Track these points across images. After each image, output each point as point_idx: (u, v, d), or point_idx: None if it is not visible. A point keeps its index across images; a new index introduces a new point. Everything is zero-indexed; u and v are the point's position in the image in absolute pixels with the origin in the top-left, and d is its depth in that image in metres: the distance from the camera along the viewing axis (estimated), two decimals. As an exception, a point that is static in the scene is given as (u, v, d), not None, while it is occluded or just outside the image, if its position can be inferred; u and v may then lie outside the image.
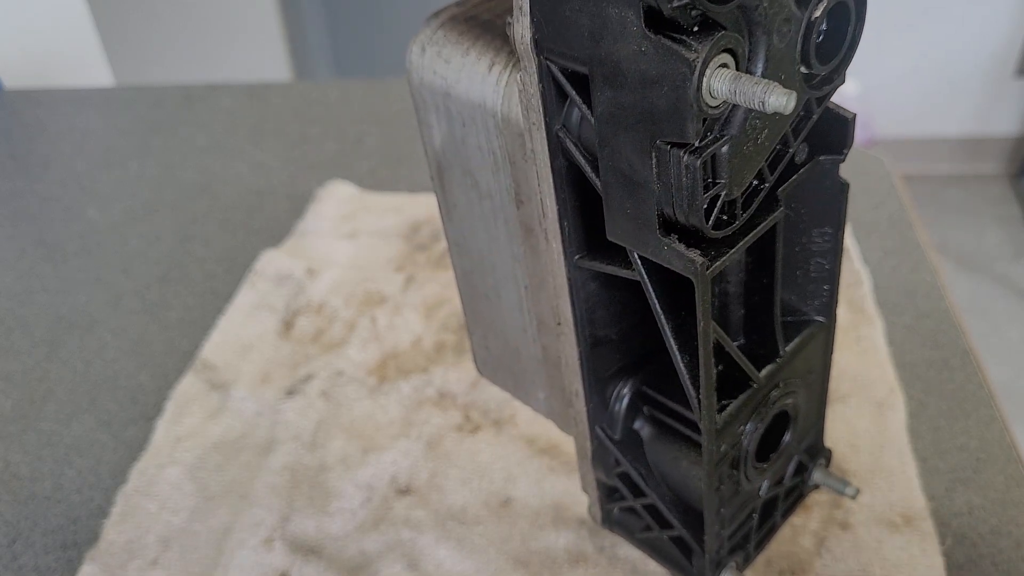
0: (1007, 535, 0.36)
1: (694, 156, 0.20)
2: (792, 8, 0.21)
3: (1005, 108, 1.63)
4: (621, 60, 0.20)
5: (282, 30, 1.48)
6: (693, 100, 0.19)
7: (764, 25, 0.20)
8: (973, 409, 0.42)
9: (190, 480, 0.41)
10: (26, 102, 0.77)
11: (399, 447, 0.42)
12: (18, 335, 0.51)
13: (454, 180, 0.28)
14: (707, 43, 0.19)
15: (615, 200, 0.23)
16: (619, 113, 0.21)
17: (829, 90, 0.23)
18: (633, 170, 0.22)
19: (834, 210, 0.27)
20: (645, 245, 0.23)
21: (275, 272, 0.53)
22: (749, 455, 0.29)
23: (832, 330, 0.30)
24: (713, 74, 0.19)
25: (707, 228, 0.22)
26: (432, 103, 0.26)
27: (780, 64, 0.21)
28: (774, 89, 0.18)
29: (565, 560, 0.36)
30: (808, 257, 0.28)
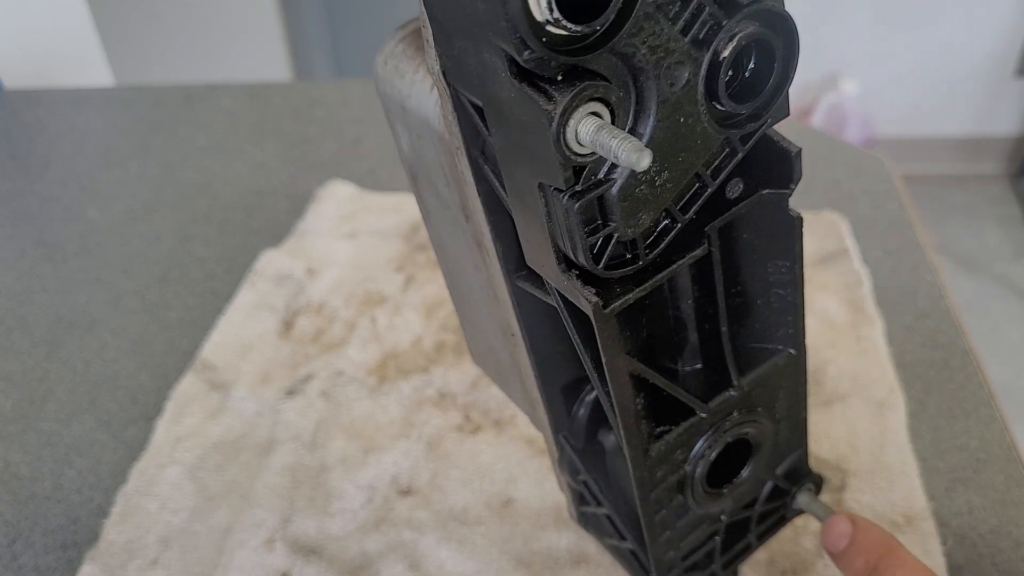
0: (1007, 535, 0.36)
1: (572, 200, 0.20)
2: (686, 51, 0.20)
3: (1005, 108, 1.63)
4: (501, 102, 0.20)
5: (282, 30, 1.48)
6: (556, 150, 0.19)
7: (648, 71, 0.20)
8: (973, 409, 0.42)
9: (190, 480, 0.41)
10: (26, 102, 0.77)
11: (400, 447, 0.42)
12: (18, 335, 0.51)
13: (423, 186, 0.29)
14: (568, 93, 0.18)
15: (522, 229, 0.23)
16: (509, 149, 0.21)
17: (754, 128, 0.22)
18: (529, 204, 0.22)
19: (787, 244, 0.26)
20: (552, 276, 0.23)
21: (275, 272, 0.53)
22: (695, 481, 0.29)
23: (802, 361, 0.29)
24: (580, 123, 0.19)
25: (596, 269, 0.22)
26: (395, 112, 0.27)
27: (679, 107, 0.21)
28: (627, 145, 0.17)
29: (567, 560, 0.36)
30: (767, 288, 0.28)
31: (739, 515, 0.32)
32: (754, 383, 0.28)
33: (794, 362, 0.29)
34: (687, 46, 0.20)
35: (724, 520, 0.31)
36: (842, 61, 1.58)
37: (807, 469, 0.33)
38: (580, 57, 0.19)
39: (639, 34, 0.19)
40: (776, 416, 0.30)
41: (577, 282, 0.22)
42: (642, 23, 0.19)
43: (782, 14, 0.21)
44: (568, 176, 0.20)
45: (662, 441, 0.27)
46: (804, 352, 0.29)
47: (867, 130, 1.61)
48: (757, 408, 0.29)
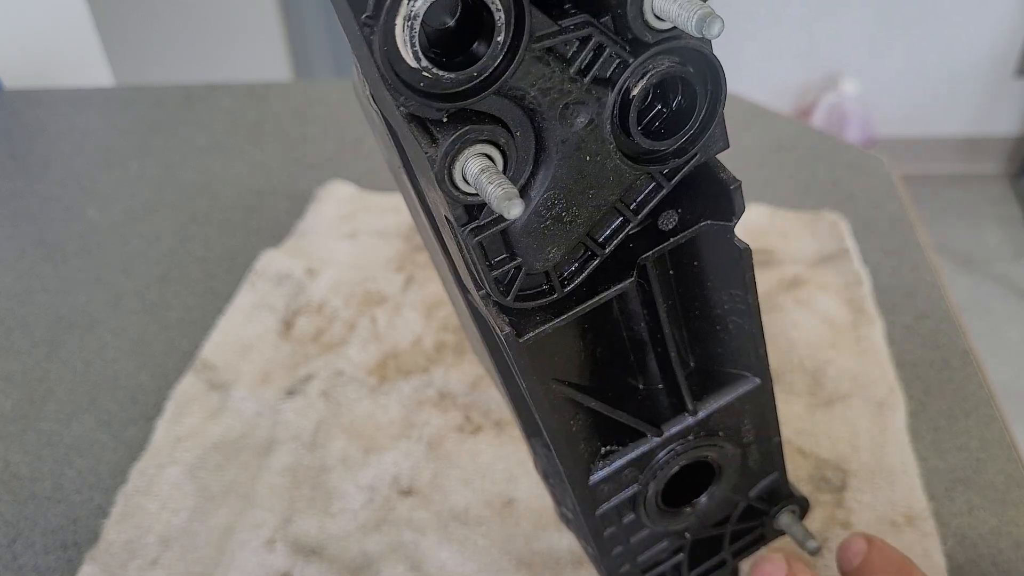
0: (1007, 535, 0.37)
1: (472, 235, 0.20)
2: (586, 90, 0.19)
3: (1005, 108, 1.63)
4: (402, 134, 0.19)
5: (282, 30, 1.48)
6: (441, 190, 0.19)
7: (542, 112, 0.19)
8: (973, 409, 0.42)
9: (190, 480, 0.41)
10: (26, 102, 0.77)
11: (400, 448, 0.42)
12: (18, 335, 0.51)
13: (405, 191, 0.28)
14: (450, 136, 0.18)
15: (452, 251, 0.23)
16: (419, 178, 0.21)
17: (679, 164, 0.21)
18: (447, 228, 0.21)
19: (736, 274, 0.25)
20: (475, 299, 0.23)
21: (275, 272, 0.53)
22: (648, 499, 0.28)
23: (768, 387, 0.28)
24: (466, 164, 0.18)
25: (505, 301, 0.21)
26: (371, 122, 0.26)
27: (582, 145, 0.20)
28: (498, 192, 0.17)
29: (568, 561, 0.36)
30: (725, 315, 0.27)
31: (708, 532, 0.31)
32: (712, 408, 0.28)
33: (759, 389, 0.28)
34: (587, 86, 0.19)
35: (688, 537, 0.31)
36: (842, 61, 1.58)
37: (788, 491, 0.32)
38: (459, 103, 0.18)
39: (526, 77, 0.18)
40: (743, 440, 0.29)
41: (493, 309, 0.22)
42: (528, 67, 0.18)
43: (699, 50, 0.19)
44: (459, 214, 0.19)
45: (607, 461, 0.26)
46: (769, 379, 0.28)
47: (867, 130, 1.61)
48: (718, 432, 0.28)
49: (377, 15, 0.16)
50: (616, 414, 0.26)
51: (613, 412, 0.26)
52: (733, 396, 0.28)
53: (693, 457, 0.28)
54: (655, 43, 0.19)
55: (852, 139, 1.59)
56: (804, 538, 0.31)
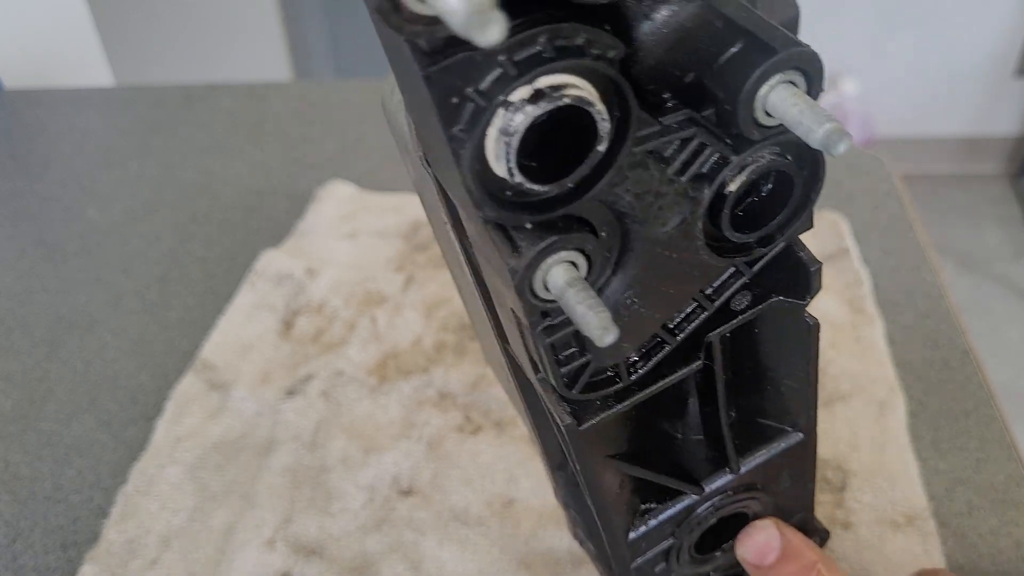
0: (1007, 535, 0.37)
1: (543, 335, 0.19)
2: (682, 191, 0.18)
3: (1005, 108, 1.63)
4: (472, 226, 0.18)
5: (282, 30, 1.48)
6: (523, 298, 0.17)
7: (634, 215, 0.18)
8: (973, 409, 0.42)
9: (190, 480, 0.41)
10: (26, 102, 0.77)
11: (400, 448, 0.42)
12: (18, 335, 0.51)
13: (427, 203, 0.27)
14: (535, 248, 0.16)
15: (505, 327, 0.21)
16: (482, 263, 0.19)
17: (767, 251, 0.20)
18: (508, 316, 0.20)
19: (800, 347, 0.24)
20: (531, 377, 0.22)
21: (275, 272, 0.53)
22: (683, 550, 0.28)
23: (811, 443, 0.28)
24: (549, 272, 0.17)
25: (570, 394, 0.20)
26: (400, 144, 0.25)
27: (671, 244, 0.19)
28: (592, 319, 0.15)
29: (568, 561, 0.36)
30: (778, 379, 0.26)
31: (732, 571, 0.31)
32: (755, 465, 0.27)
33: (802, 444, 0.27)
34: (683, 186, 0.18)
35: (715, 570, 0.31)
36: (842, 61, 1.58)
37: (812, 526, 0.32)
38: (548, 214, 0.16)
39: (623, 183, 0.17)
40: (779, 490, 0.29)
41: (553, 396, 0.21)
42: (626, 172, 0.17)
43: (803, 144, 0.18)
44: (535, 319, 0.18)
45: (645, 520, 0.26)
46: (814, 435, 0.27)
47: (867, 130, 1.61)
48: (756, 486, 0.28)
49: (471, 129, 0.15)
50: (660, 479, 0.25)
51: (658, 477, 0.25)
52: (776, 452, 0.27)
53: (730, 511, 0.28)
54: (759, 140, 0.17)
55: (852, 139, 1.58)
56: None
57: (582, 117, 0.15)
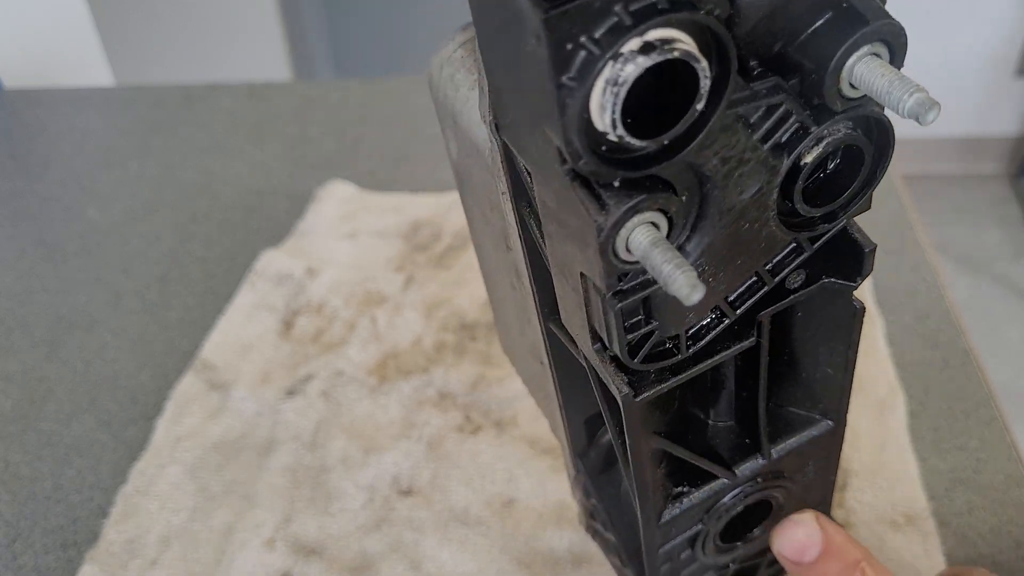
0: (1007, 535, 0.37)
1: (614, 299, 0.19)
2: (763, 159, 0.18)
3: (1005, 108, 1.63)
4: (553, 186, 0.18)
5: (282, 30, 1.48)
6: (601, 259, 0.17)
7: (715, 180, 0.18)
8: (973, 409, 0.42)
9: (190, 480, 0.41)
10: (26, 102, 0.77)
11: (400, 448, 0.42)
12: (18, 335, 0.51)
13: (467, 192, 0.27)
14: (623, 205, 0.16)
15: (560, 297, 0.22)
16: (556, 229, 0.19)
17: (829, 228, 0.21)
18: (570, 282, 0.20)
19: (844, 332, 0.24)
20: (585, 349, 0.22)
21: (275, 272, 0.53)
22: (709, 537, 0.28)
23: (840, 432, 0.28)
24: (632, 233, 0.17)
25: (631, 363, 0.20)
26: (446, 121, 0.25)
27: (745, 213, 0.19)
28: (679, 277, 0.15)
29: (568, 561, 0.36)
30: (816, 365, 0.26)
31: (749, 562, 0.31)
32: (783, 452, 0.27)
33: (831, 433, 0.28)
34: (765, 154, 0.18)
35: (732, 567, 0.31)
36: (842, 61, 1.57)
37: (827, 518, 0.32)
38: (641, 171, 0.17)
39: (712, 145, 0.17)
40: (804, 479, 0.29)
41: (610, 367, 0.21)
42: (717, 135, 0.17)
43: (880, 119, 0.19)
44: (611, 283, 0.18)
45: (678, 503, 0.26)
46: (844, 424, 0.28)
47: (867, 130, 1.61)
48: (784, 474, 0.28)
49: (581, 78, 0.15)
50: (698, 460, 0.26)
51: (695, 458, 0.26)
52: (807, 439, 0.27)
53: (759, 498, 0.28)
54: (841, 112, 0.18)
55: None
56: None
57: (681, 74, 0.15)
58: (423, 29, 1.57)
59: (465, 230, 0.55)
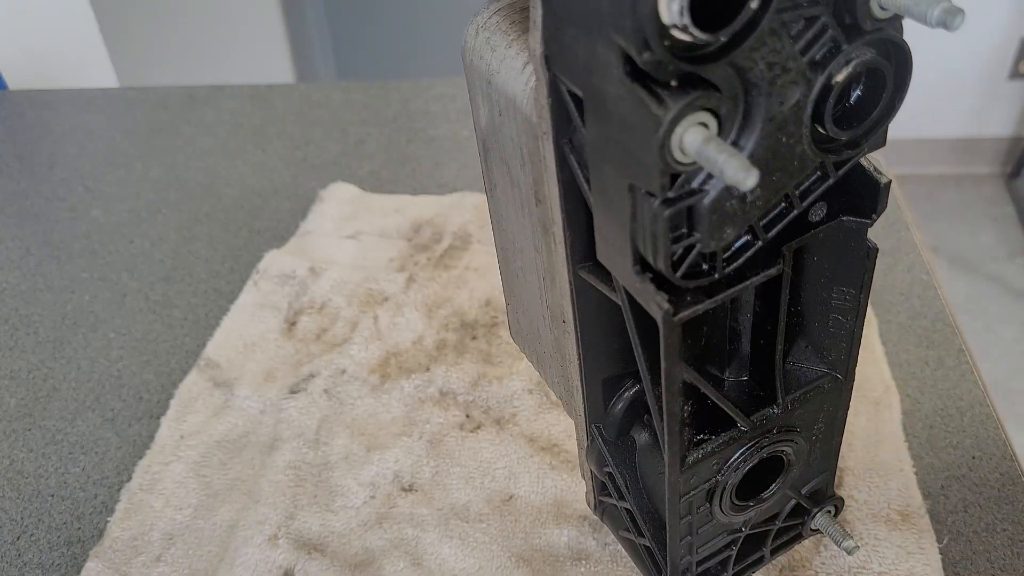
0: (1001, 532, 0.37)
1: (663, 206, 0.20)
2: (802, 71, 0.20)
3: (999, 109, 1.64)
4: (606, 97, 0.19)
5: (285, 33, 1.49)
6: (658, 155, 0.18)
7: (761, 87, 0.19)
8: (968, 407, 0.43)
9: (194, 477, 0.41)
10: (30, 103, 0.77)
11: (402, 445, 0.42)
12: (23, 334, 0.52)
13: (493, 161, 0.28)
14: (681, 101, 0.18)
15: (601, 225, 0.23)
16: (603, 145, 0.21)
17: (851, 155, 0.22)
18: (614, 202, 0.21)
19: (857, 272, 0.26)
20: (624, 276, 0.23)
21: (278, 272, 0.53)
22: (726, 491, 0.29)
23: (848, 387, 0.29)
24: (686, 131, 0.18)
25: (674, 277, 0.21)
26: (478, 85, 0.26)
27: (783, 126, 0.20)
28: (735, 163, 0.17)
29: (568, 557, 0.37)
30: (827, 311, 0.27)
31: (759, 528, 0.32)
32: (797, 403, 0.28)
33: (839, 387, 0.29)
34: (803, 66, 0.19)
35: (744, 532, 0.31)
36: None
37: (831, 492, 0.33)
38: (699, 65, 0.18)
39: (760, 49, 0.19)
40: (812, 438, 0.30)
41: (651, 286, 0.22)
42: (766, 38, 0.19)
43: (901, 44, 0.20)
44: (664, 183, 0.19)
45: (700, 449, 0.27)
46: (852, 378, 0.29)
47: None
48: (796, 428, 0.29)
49: None
50: (722, 401, 0.26)
51: (720, 399, 0.26)
52: (817, 390, 0.28)
53: (772, 451, 0.29)
54: (869, 31, 0.19)
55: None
56: (842, 538, 0.31)
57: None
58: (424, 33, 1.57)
59: (466, 230, 0.56)
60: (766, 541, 0.33)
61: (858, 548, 0.32)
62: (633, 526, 0.32)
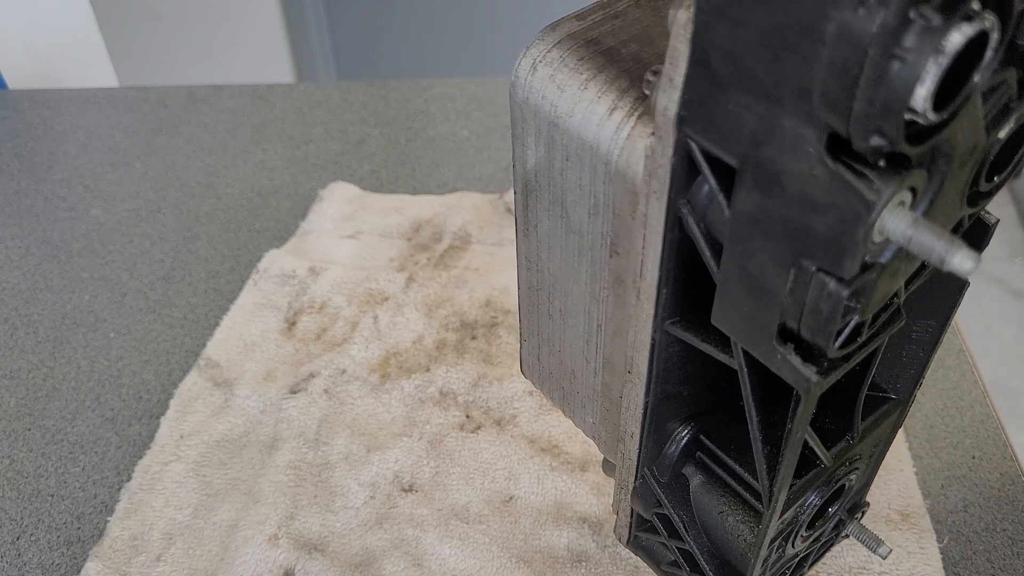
0: (1001, 532, 0.37)
1: (842, 286, 0.18)
2: (982, 135, 0.19)
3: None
4: (784, 173, 0.18)
5: (285, 33, 1.49)
6: (862, 239, 0.17)
7: (949, 156, 0.18)
8: (968, 407, 0.43)
9: (194, 477, 0.41)
10: (31, 102, 0.77)
11: (402, 445, 0.42)
12: (23, 333, 0.52)
13: (541, 204, 0.27)
14: (893, 183, 0.16)
15: (732, 295, 0.22)
16: (764, 219, 0.19)
17: (985, 204, 0.22)
18: (763, 276, 0.20)
19: (946, 306, 0.25)
20: (754, 345, 0.22)
21: (278, 271, 0.53)
22: (802, 527, 0.28)
23: (907, 408, 0.29)
24: (889, 214, 0.17)
25: (833, 350, 0.20)
26: (534, 125, 0.25)
27: (950, 189, 0.19)
28: (958, 250, 0.16)
29: (567, 559, 0.37)
30: (904, 343, 0.27)
31: (809, 549, 0.32)
32: (867, 432, 0.28)
33: (900, 410, 0.29)
34: (983, 130, 0.19)
35: (800, 555, 0.31)
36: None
37: (863, 500, 0.33)
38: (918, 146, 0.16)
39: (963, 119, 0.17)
40: (872, 460, 0.30)
41: (797, 358, 0.21)
42: (969, 109, 0.17)
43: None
44: (857, 266, 0.18)
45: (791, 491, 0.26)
46: (912, 400, 0.29)
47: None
48: (860, 456, 0.29)
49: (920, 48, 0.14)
50: (818, 446, 0.26)
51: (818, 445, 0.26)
52: (885, 419, 0.28)
53: (844, 481, 0.28)
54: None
55: None
56: (876, 545, 0.31)
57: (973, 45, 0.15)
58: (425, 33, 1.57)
59: (465, 230, 0.56)
60: (808, 559, 0.33)
61: (891, 551, 0.32)
62: (688, 565, 0.32)
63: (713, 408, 0.29)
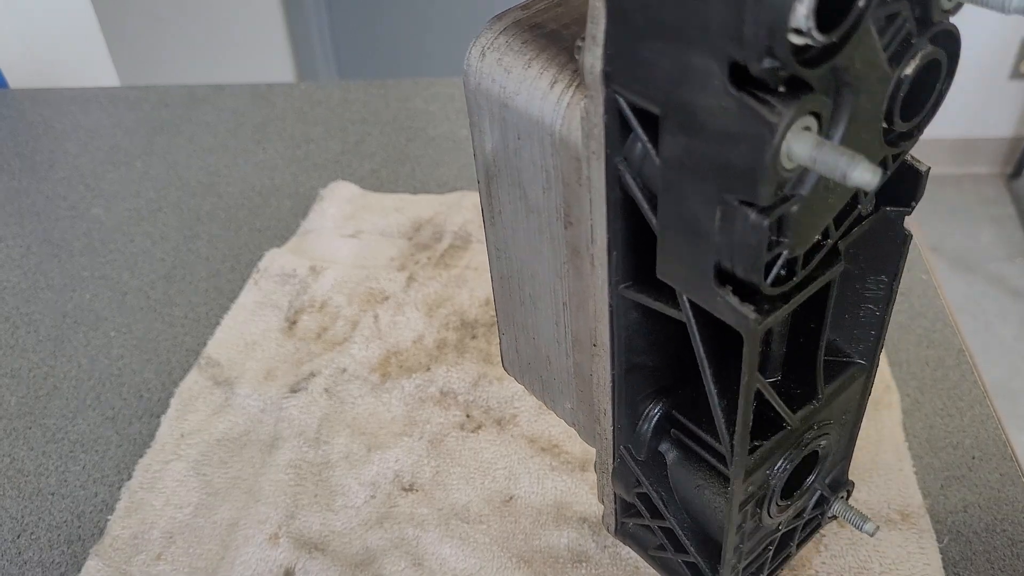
0: (1001, 532, 0.37)
1: (762, 216, 0.19)
2: (885, 67, 0.20)
3: (1000, 110, 1.64)
4: (699, 110, 0.19)
5: (285, 32, 1.49)
6: (770, 164, 0.18)
7: (854, 86, 0.19)
8: (967, 407, 0.43)
9: (195, 476, 0.41)
10: (32, 101, 0.77)
11: (402, 445, 0.42)
12: (24, 332, 0.52)
13: (502, 188, 0.28)
14: (792, 106, 0.17)
15: (670, 243, 0.22)
16: (689, 161, 0.20)
17: (907, 147, 0.22)
18: (695, 219, 0.21)
19: (893, 260, 0.26)
20: (696, 291, 0.23)
21: (279, 270, 0.53)
22: (775, 494, 0.29)
23: (872, 373, 0.29)
24: (794, 138, 0.18)
25: (765, 286, 0.21)
26: (487, 109, 0.25)
27: (863, 124, 0.20)
28: (859, 163, 0.17)
29: (568, 558, 0.37)
30: (859, 302, 0.28)
31: (791, 525, 0.32)
32: (833, 395, 0.28)
33: (865, 374, 0.29)
34: (883, 62, 0.19)
35: (781, 531, 0.31)
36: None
37: (846, 478, 0.33)
38: (812, 69, 0.17)
39: (859, 47, 0.19)
40: (842, 427, 0.30)
41: (734, 298, 0.21)
42: (863, 36, 0.18)
43: (955, 34, 0.21)
44: (771, 191, 0.19)
45: (757, 454, 0.27)
46: (876, 364, 0.29)
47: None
48: (830, 420, 0.29)
49: None
50: (778, 404, 0.26)
51: (776, 401, 0.26)
52: (851, 383, 0.29)
53: (814, 447, 0.29)
54: (935, 23, 0.20)
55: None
56: (862, 521, 0.31)
57: None
58: (425, 33, 1.57)
59: (466, 229, 0.56)
60: (793, 536, 0.33)
61: (879, 528, 0.32)
62: (671, 544, 0.32)
63: (683, 383, 0.30)
